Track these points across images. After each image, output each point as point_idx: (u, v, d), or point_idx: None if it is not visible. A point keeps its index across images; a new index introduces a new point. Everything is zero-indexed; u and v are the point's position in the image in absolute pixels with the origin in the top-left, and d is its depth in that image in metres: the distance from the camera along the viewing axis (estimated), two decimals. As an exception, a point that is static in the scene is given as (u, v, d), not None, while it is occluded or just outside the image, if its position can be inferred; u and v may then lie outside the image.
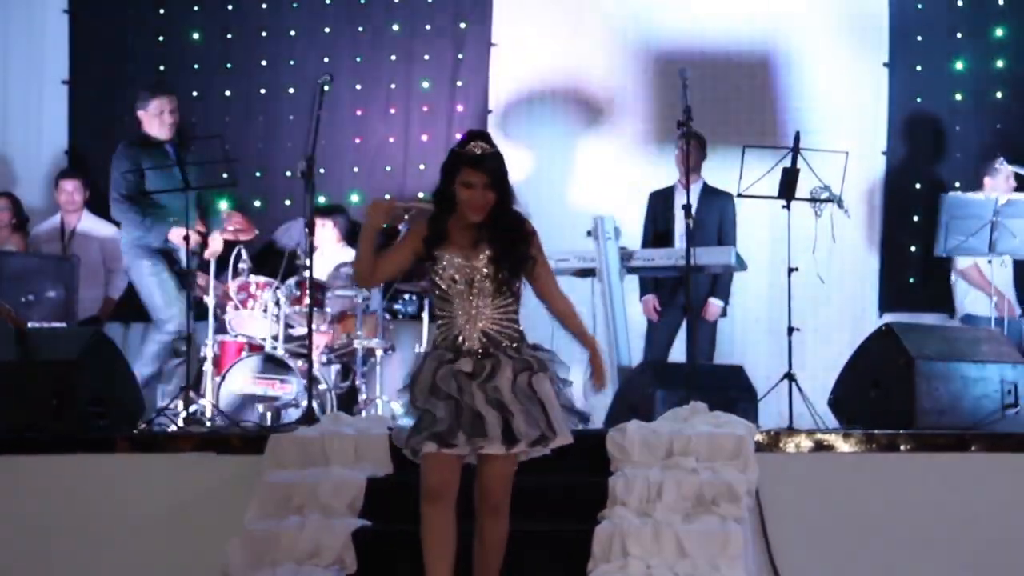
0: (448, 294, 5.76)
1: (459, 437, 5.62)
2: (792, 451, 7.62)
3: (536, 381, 5.71)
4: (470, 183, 5.69)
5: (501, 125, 11.93)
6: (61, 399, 8.04)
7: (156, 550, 7.64)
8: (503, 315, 5.78)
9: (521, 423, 5.63)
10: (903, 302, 11.27)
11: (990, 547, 7.36)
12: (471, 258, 5.74)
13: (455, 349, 5.74)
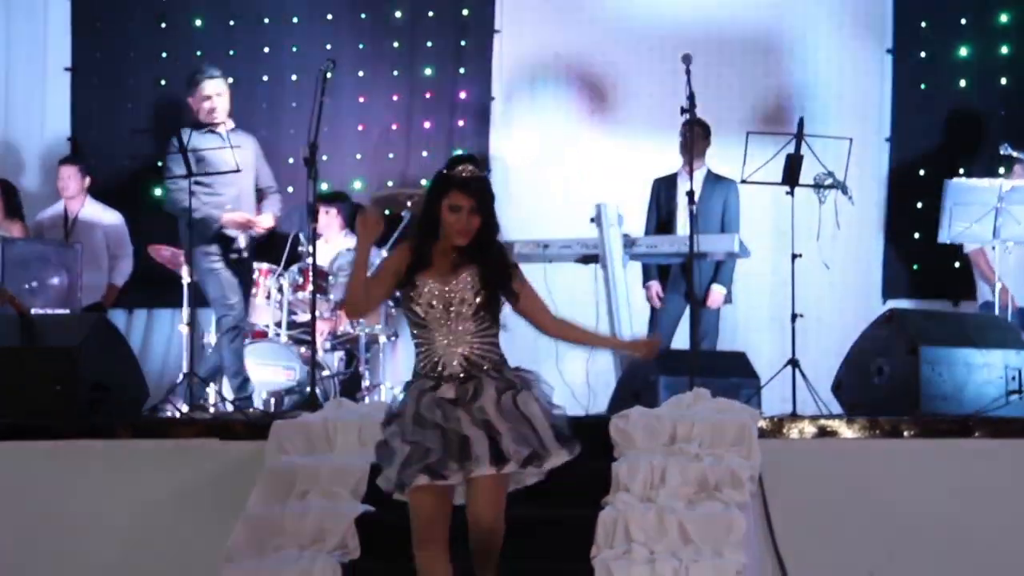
0: (425, 320, 5.61)
1: (450, 466, 5.45)
2: (796, 437, 7.63)
3: (521, 400, 5.55)
4: (457, 206, 5.58)
5: (504, 112, 11.95)
6: (64, 385, 8.05)
7: (159, 536, 7.66)
8: (483, 340, 5.63)
9: (509, 442, 5.46)
10: (907, 289, 11.28)
11: (994, 533, 7.36)
12: (449, 283, 5.60)
13: (436, 376, 5.60)
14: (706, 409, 7.42)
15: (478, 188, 5.63)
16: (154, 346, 11.95)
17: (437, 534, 5.56)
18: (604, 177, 11.57)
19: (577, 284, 10.42)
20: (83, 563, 7.77)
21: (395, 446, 5.54)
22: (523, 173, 11.94)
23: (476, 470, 5.45)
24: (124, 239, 10.90)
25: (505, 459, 5.46)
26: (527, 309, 5.76)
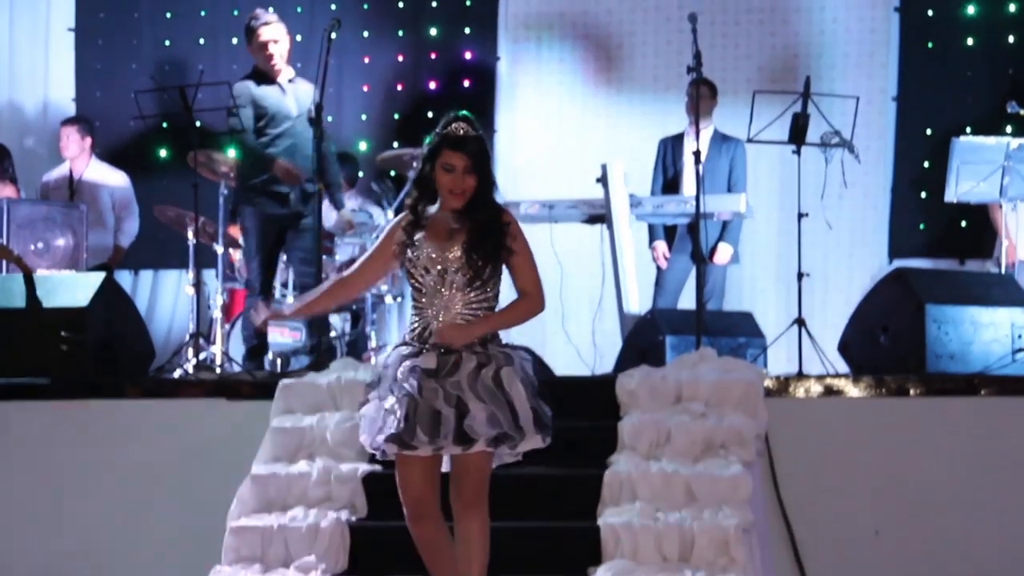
0: (421, 283, 5.51)
1: (419, 437, 5.31)
2: (802, 396, 7.65)
3: (504, 376, 5.40)
4: (451, 166, 5.46)
5: (510, 72, 11.94)
6: (71, 346, 8.07)
7: (166, 495, 7.70)
8: (475, 309, 5.49)
9: (476, 422, 5.31)
10: (913, 248, 11.27)
11: (999, 491, 7.39)
12: (444, 249, 5.48)
13: (422, 341, 5.48)
14: (712, 369, 7.43)
15: (473, 147, 5.49)
16: (160, 307, 12.00)
17: (427, 508, 5.48)
18: (610, 137, 11.59)
19: (583, 245, 10.45)
20: (91, 522, 7.81)
21: (370, 410, 5.46)
22: (528, 133, 11.95)
23: (447, 448, 5.36)
24: (130, 200, 10.92)
25: (472, 440, 5.32)
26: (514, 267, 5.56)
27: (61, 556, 7.80)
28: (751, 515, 6.57)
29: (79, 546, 7.81)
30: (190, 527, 7.38)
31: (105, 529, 7.80)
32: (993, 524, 7.35)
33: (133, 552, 7.73)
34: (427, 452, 5.35)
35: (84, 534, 7.82)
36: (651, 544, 6.45)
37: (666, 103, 11.30)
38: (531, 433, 5.41)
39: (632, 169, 10.04)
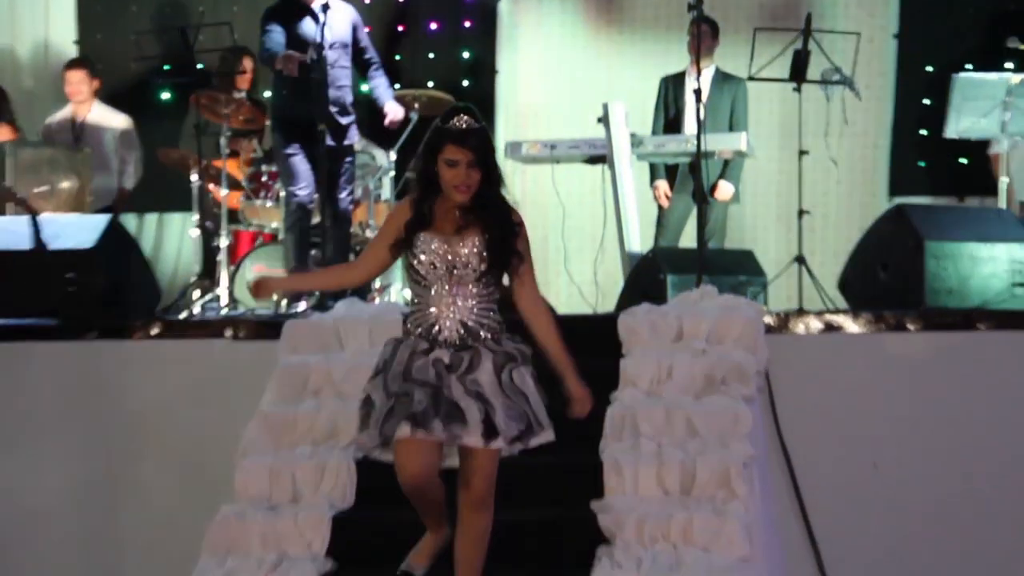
0: (426, 279, 5.37)
1: (435, 423, 5.22)
2: (802, 332, 7.68)
3: (518, 375, 5.34)
4: (454, 161, 5.30)
5: (511, 12, 11.93)
6: (78, 287, 8.12)
7: (174, 434, 7.78)
8: (484, 305, 5.40)
9: (502, 418, 5.26)
10: (913, 185, 11.27)
11: (997, 424, 7.45)
12: (454, 244, 5.35)
13: (430, 339, 5.36)
14: (713, 306, 7.45)
15: (476, 141, 5.33)
16: (166, 249, 12.05)
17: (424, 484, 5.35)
18: (611, 77, 11.60)
19: (585, 184, 10.49)
20: (100, 461, 7.90)
21: (376, 399, 5.34)
22: (530, 74, 11.94)
23: (466, 438, 5.26)
24: (133, 142, 10.91)
25: (496, 434, 5.26)
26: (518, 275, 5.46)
27: (70, 495, 7.89)
28: (751, 449, 6.62)
29: (88, 484, 7.89)
30: (200, 465, 7.47)
31: (114, 468, 7.89)
32: (991, 457, 7.42)
33: (144, 490, 7.82)
34: (441, 437, 5.26)
35: (94, 473, 7.91)
36: (653, 477, 6.51)
37: (667, 42, 11.31)
38: (546, 429, 5.40)
39: (633, 109, 10.02)
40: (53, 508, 7.89)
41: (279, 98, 9.15)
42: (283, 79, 9.01)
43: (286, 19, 9.09)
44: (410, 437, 5.23)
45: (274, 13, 9.15)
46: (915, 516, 7.43)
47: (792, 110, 9.30)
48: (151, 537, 7.68)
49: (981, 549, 7.39)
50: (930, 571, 7.40)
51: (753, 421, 6.77)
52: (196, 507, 6.86)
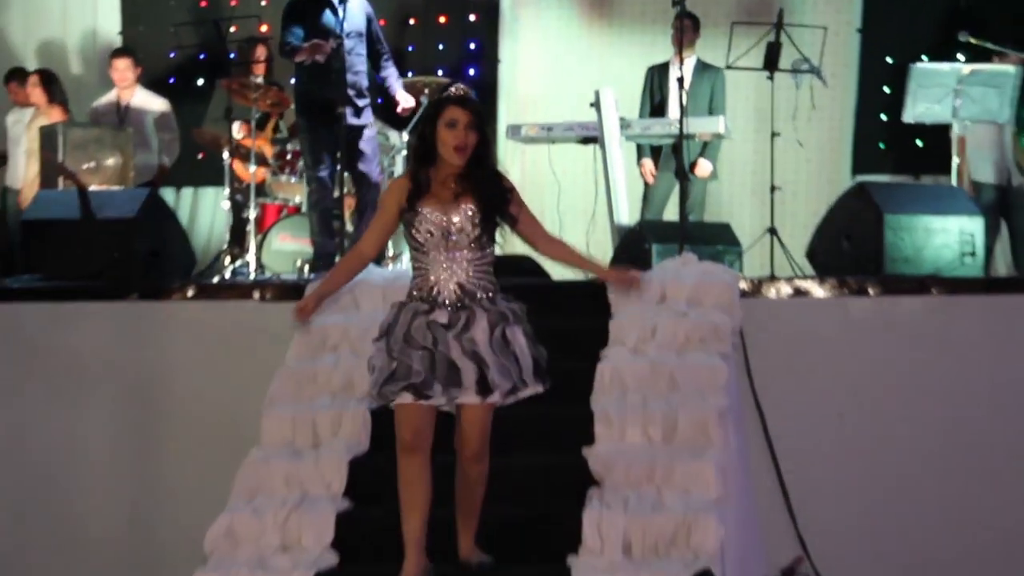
0: (424, 247, 5.31)
1: (435, 388, 5.21)
2: (773, 296, 7.68)
3: (511, 333, 5.30)
4: (454, 121, 5.24)
5: (512, 7, 11.89)
6: (121, 253, 8.13)
7: (207, 386, 7.77)
8: (479, 267, 5.34)
9: (496, 375, 5.23)
10: (874, 164, 11.28)
11: (946, 377, 7.46)
12: (449, 212, 5.29)
13: (430, 301, 5.31)
14: (693, 272, 7.43)
15: (473, 105, 5.29)
16: (200, 220, 12.03)
17: (422, 444, 5.34)
18: (603, 66, 11.56)
19: (578, 163, 10.47)
20: (142, 412, 7.90)
21: (380, 361, 5.31)
22: (529, 63, 11.92)
23: (462, 398, 5.26)
24: (171, 124, 10.88)
25: (490, 390, 5.26)
26: (524, 232, 5.48)
27: (114, 441, 7.89)
28: (727, 401, 6.60)
29: (130, 432, 7.89)
30: (231, 413, 7.45)
31: (153, 417, 7.89)
32: (941, 406, 7.43)
33: (180, 437, 7.82)
34: (441, 402, 5.27)
35: (134, 421, 7.90)
36: (638, 426, 6.49)
37: (653, 35, 11.27)
38: (532, 383, 5.38)
39: (622, 95, 9.99)
40: (99, 453, 7.89)
41: (302, 84, 9.10)
42: (305, 67, 8.95)
43: (308, 12, 9.00)
44: (411, 403, 5.25)
45: (296, 8, 9.07)
46: (877, 461, 7.43)
47: (765, 96, 9.28)
48: (187, 480, 7.67)
49: (934, 488, 7.39)
50: (891, 511, 7.40)
51: (729, 376, 6.75)
52: (227, 453, 6.83)
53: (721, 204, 11.09)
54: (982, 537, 7.34)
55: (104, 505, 7.87)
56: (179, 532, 7.43)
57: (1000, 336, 7.53)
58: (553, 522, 6.05)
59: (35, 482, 7.89)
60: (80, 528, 7.87)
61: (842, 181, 11.01)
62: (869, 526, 7.40)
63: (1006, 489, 7.37)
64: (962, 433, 7.40)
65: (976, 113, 9.62)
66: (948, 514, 7.38)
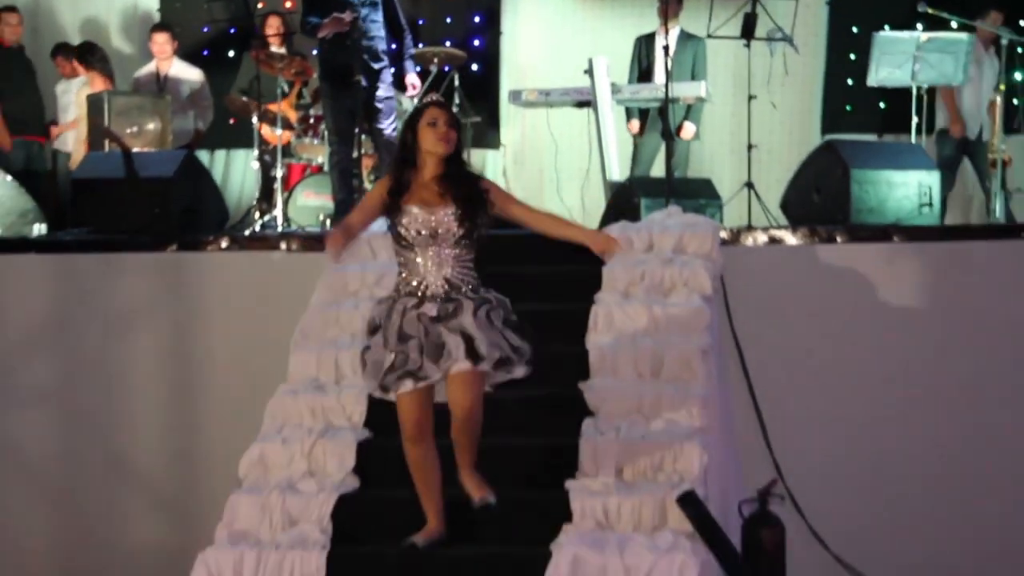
0: (411, 244, 5.24)
1: (429, 368, 5.17)
2: (750, 244, 7.65)
3: (495, 314, 5.24)
4: (435, 120, 5.23)
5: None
6: (161, 209, 8.10)
7: (239, 328, 7.75)
8: (463, 263, 5.29)
9: (484, 345, 5.16)
10: (840, 125, 11.25)
11: (906, 315, 7.45)
12: (435, 212, 5.22)
13: (418, 295, 5.25)
14: (678, 223, 7.39)
15: (449, 108, 5.33)
16: (232, 179, 11.99)
17: (425, 431, 5.32)
18: (595, 36, 11.50)
19: (573, 125, 10.41)
20: (180, 353, 7.88)
21: (379, 355, 5.25)
22: (529, 34, 11.85)
23: (455, 367, 5.17)
24: (205, 92, 10.85)
25: (480, 357, 5.17)
26: (513, 217, 5.44)
27: (155, 380, 7.88)
28: (709, 339, 6.58)
29: (169, 371, 7.87)
30: (262, 351, 7.41)
31: (190, 357, 7.86)
32: (901, 341, 7.42)
33: (215, 375, 7.80)
34: (435, 377, 5.20)
35: (174, 361, 7.88)
36: (630, 363, 6.48)
37: (641, 7, 11.19)
38: (519, 363, 5.31)
39: (613, 63, 9.92)
40: (143, 389, 7.87)
41: (323, 52, 9.01)
42: (326, 38, 8.87)
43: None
44: (411, 390, 5.22)
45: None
46: (842, 393, 7.42)
47: (742, 63, 9.25)
48: (222, 412, 7.66)
49: (894, 415, 7.39)
50: (855, 436, 7.40)
51: (710, 317, 6.72)
52: (257, 388, 6.81)
53: (703, 161, 11.04)
54: (936, 456, 7.34)
55: (148, 436, 7.86)
56: (215, 459, 7.44)
57: (954, 278, 7.50)
58: (551, 450, 6.03)
59: (86, 417, 7.89)
60: (127, 457, 7.87)
61: (812, 140, 10.96)
62: (836, 450, 7.40)
63: (957, 413, 7.37)
64: (919, 365, 7.39)
65: (933, 77, 9.58)
66: (906, 437, 7.36)
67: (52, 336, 7.97)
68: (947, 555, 7.27)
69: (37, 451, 7.91)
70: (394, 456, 5.46)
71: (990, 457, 7.29)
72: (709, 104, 10.15)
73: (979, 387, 7.33)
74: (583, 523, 5.60)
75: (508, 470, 5.81)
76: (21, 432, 7.90)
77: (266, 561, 5.51)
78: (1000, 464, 7.30)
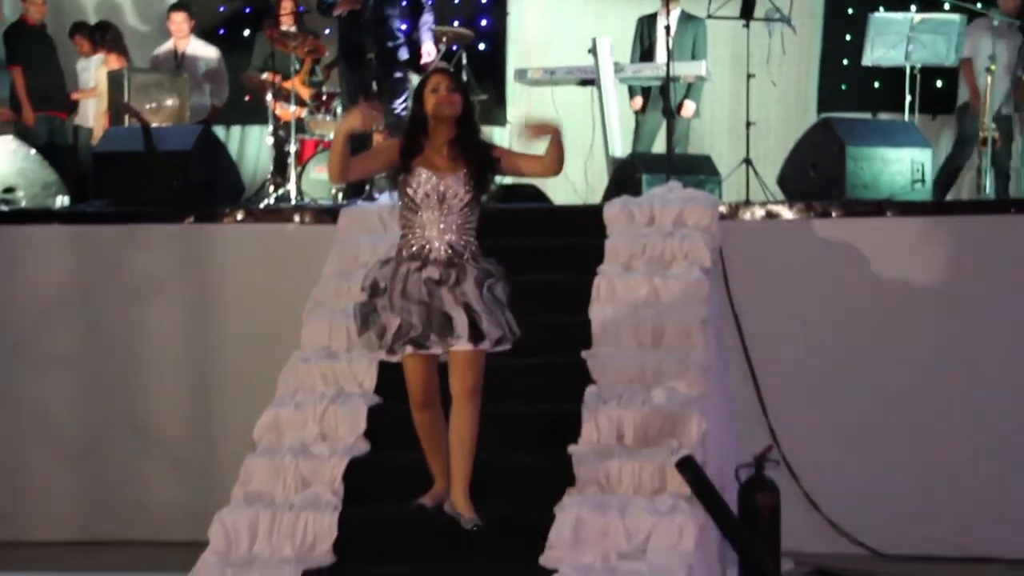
0: (418, 206, 5.16)
1: (431, 339, 5.11)
2: (748, 219, 7.63)
3: (498, 289, 5.19)
4: (437, 86, 5.17)
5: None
6: (179, 182, 8.10)
7: (254, 298, 7.76)
8: (467, 229, 5.21)
9: (487, 323, 5.11)
10: (836, 102, 11.20)
11: (898, 287, 7.43)
12: (444, 177, 5.16)
13: (421, 258, 5.16)
14: (678, 198, 7.36)
15: (453, 73, 5.28)
16: (247, 154, 11.96)
17: (431, 397, 5.27)
18: (599, 17, 11.43)
19: (578, 103, 10.37)
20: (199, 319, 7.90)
21: (385, 318, 5.16)
22: (535, 14, 11.82)
23: (457, 345, 5.13)
24: (222, 70, 10.83)
25: (482, 337, 5.13)
26: (520, 171, 5.41)
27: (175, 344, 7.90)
28: (708, 310, 6.57)
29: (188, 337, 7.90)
30: (275, 322, 7.43)
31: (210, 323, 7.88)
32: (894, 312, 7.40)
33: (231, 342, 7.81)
34: (438, 351, 5.16)
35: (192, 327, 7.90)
36: (631, 332, 6.47)
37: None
38: (514, 336, 5.24)
39: (616, 42, 9.91)
40: (163, 355, 7.90)
41: (340, 30, 9.02)
42: (343, 17, 8.87)
43: None
44: (413, 354, 5.17)
45: None
46: (836, 362, 7.42)
47: (741, 43, 9.21)
48: (237, 378, 7.66)
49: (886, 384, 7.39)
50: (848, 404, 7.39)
51: (709, 288, 6.71)
52: (271, 355, 6.81)
53: (703, 138, 10.99)
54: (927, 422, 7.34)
55: (167, 401, 7.88)
56: (231, 424, 7.46)
57: (945, 251, 7.47)
58: (555, 416, 6.04)
59: (110, 380, 7.91)
60: (147, 421, 7.89)
61: (808, 117, 10.90)
62: (830, 417, 7.39)
63: (947, 381, 7.35)
64: (910, 335, 7.38)
65: (925, 57, 9.54)
66: (897, 404, 7.36)
67: (75, 304, 7.98)
68: (936, 517, 7.26)
69: (61, 415, 7.94)
70: (403, 420, 5.46)
71: (979, 423, 7.29)
72: (709, 83, 10.10)
73: (968, 355, 7.32)
74: (586, 487, 5.61)
75: (514, 436, 5.83)
76: (46, 396, 7.93)
77: (280, 521, 5.53)
78: (989, 430, 7.29)
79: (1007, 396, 7.30)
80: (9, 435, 7.94)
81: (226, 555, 5.49)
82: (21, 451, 7.94)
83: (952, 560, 7.13)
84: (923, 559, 7.13)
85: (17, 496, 7.91)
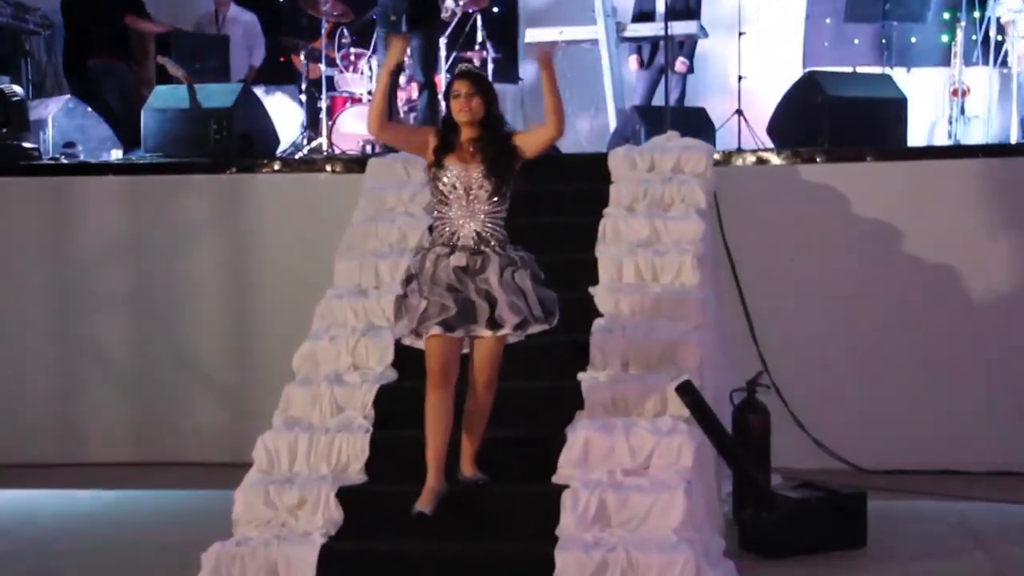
0: (448, 198, 5.04)
1: (457, 322, 4.97)
2: (740, 164, 7.57)
3: (519, 276, 5.02)
4: (457, 92, 5.04)
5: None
6: (221, 135, 8.07)
7: (290, 241, 7.72)
8: (494, 218, 5.06)
9: (504, 310, 4.96)
10: (821, 58, 10.94)
11: (876, 225, 7.40)
12: (470, 168, 5.03)
13: (451, 245, 5.03)
14: (676, 146, 7.26)
15: (475, 77, 5.09)
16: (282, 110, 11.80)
17: (449, 378, 5.02)
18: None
19: (585, 59, 10.24)
20: (238, 261, 7.86)
21: (413, 301, 5.02)
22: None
23: (478, 332, 4.99)
24: (259, 33, 10.72)
25: (500, 325, 4.99)
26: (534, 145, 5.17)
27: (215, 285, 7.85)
28: (704, 249, 6.48)
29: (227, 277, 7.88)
30: (310, 262, 7.37)
31: (246, 265, 7.85)
32: (873, 249, 7.38)
33: (272, 280, 7.77)
34: (462, 335, 5.00)
35: (232, 268, 7.88)
36: (632, 268, 6.38)
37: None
38: (539, 320, 5.07)
39: (618, 3, 9.77)
40: (207, 293, 7.87)
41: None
42: None
43: None
44: (439, 335, 4.97)
45: None
46: (821, 294, 7.40)
47: (733, 3, 9.05)
48: (276, 314, 7.64)
49: (867, 313, 7.38)
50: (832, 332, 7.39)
51: (705, 229, 6.61)
52: (307, 293, 6.73)
53: (698, 92, 10.81)
54: (905, 347, 7.33)
55: (212, 335, 7.87)
56: (271, 355, 7.40)
57: (920, 193, 7.43)
58: (566, 346, 5.96)
59: (158, 316, 7.90)
60: (192, 353, 7.89)
61: (795, 71, 10.70)
62: (815, 346, 7.37)
63: (921, 308, 7.35)
64: (888, 268, 7.36)
65: (901, 15, 9.39)
66: (877, 332, 7.36)
67: (127, 248, 7.96)
68: (911, 438, 7.25)
69: (115, 348, 7.93)
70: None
71: (953, 345, 7.28)
72: (703, 40, 9.93)
73: (942, 285, 7.29)
74: (594, 410, 5.56)
75: (529, 364, 5.75)
76: (100, 331, 7.93)
77: (317, 443, 5.50)
78: (960, 356, 7.27)
79: (975, 326, 7.26)
80: (69, 368, 7.95)
81: (269, 473, 5.46)
82: (80, 382, 7.95)
83: (924, 473, 7.10)
84: (899, 472, 7.09)
85: (79, 422, 7.91)
